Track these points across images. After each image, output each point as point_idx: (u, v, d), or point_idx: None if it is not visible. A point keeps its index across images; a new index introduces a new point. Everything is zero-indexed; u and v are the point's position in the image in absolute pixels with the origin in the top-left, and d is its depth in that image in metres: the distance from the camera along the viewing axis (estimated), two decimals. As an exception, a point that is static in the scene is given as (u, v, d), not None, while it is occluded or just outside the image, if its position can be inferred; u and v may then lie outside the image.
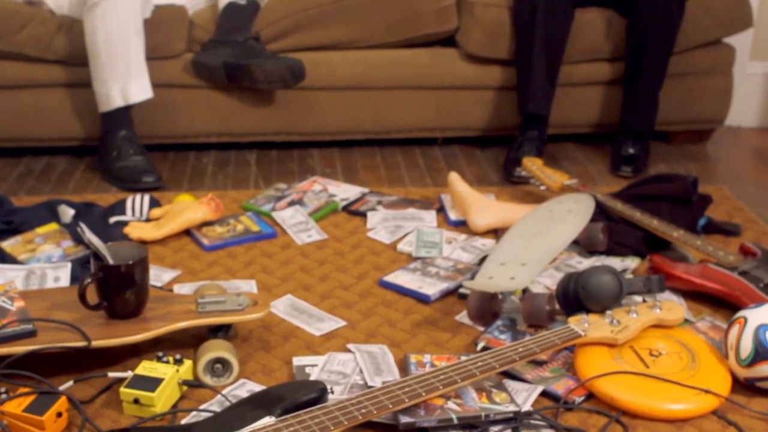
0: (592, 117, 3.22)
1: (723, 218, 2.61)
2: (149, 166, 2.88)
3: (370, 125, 3.18)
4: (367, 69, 3.11)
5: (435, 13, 3.11)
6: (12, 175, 2.99)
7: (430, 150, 3.24)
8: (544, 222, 2.32)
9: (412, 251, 2.40)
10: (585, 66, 3.15)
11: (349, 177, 2.98)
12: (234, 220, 2.56)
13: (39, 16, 2.97)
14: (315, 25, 3.07)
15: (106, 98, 2.87)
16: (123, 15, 2.80)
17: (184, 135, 3.13)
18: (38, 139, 3.09)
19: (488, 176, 3.01)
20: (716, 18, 3.14)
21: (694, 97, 3.23)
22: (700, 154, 3.25)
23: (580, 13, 3.06)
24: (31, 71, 3.00)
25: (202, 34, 3.05)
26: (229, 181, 2.96)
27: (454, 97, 3.17)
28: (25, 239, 2.38)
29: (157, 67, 2.98)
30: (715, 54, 3.22)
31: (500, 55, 3.10)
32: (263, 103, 3.09)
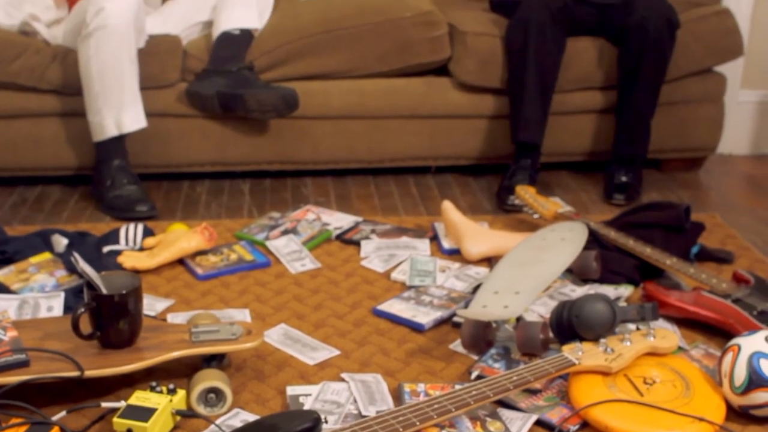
0: (585, 145, 3.23)
1: (716, 246, 2.62)
2: (143, 195, 2.89)
3: (363, 154, 3.19)
4: (360, 98, 3.12)
5: (428, 42, 3.12)
6: (5, 204, 2.99)
7: (423, 179, 3.25)
8: (538, 250, 2.33)
9: (406, 280, 2.40)
10: (577, 95, 3.17)
11: (343, 206, 2.98)
12: (227, 249, 2.56)
13: (33, 46, 2.98)
14: (308, 54, 3.09)
15: (100, 128, 2.88)
16: (117, 45, 2.81)
17: (177, 164, 3.13)
18: (32, 168, 3.09)
19: (482, 205, 3.01)
20: (707, 47, 3.16)
21: (686, 125, 3.25)
22: (692, 181, 3.27)
23: (572, 42, 3.08)
24: (25, 101, 3.01)
25: (196, 64, 3.06)
26: (223, 210, 2.96)
27: (447, 126, 3.18)
28: (18, 269, 2.37)
29: (151, 97, 2.99)
30: (707, 82, 3.24)
31: (493, 84, 3.11)
32: (257, 132, 3.10)
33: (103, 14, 2.76)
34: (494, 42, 3.08)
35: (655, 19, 2.94)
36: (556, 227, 2.46)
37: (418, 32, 3.11)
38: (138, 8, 2.85)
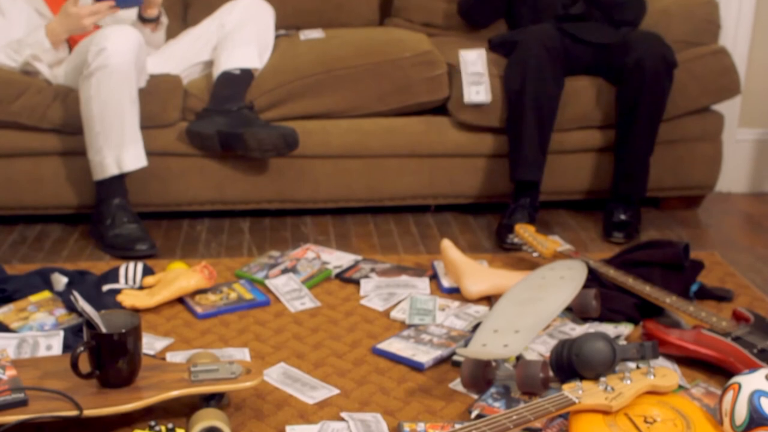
0: (584, 184, 3.24)
1: (715, 284, 2.62)
2: (143, 234, 2.89)
3: (363, 193, 3.20)
4: (359, 137, 3.13)
5: (427, 82, 3.14)
6: (5, 242, 2.99)
7: (422, 217, 3.25)
8: (537, 289, 2.32)
9: (406, 318, 2.39)
10: (576, 133, 3.18)
11: (343, 244, 2.98)
12: (227, 288, 2.56)
13: (35, 86, 2.99)
14: (308, 94, 3.10)
15: (101, 166, 2.89)
16: (118, 84, 2.82)
17: (177, 203, 3.14)
18: (32, 207, 3.09)
19: (481, 243, 3.02)
20: (705, 86, 3.18)
21: (684, 163, 3.26)
22: (691, 220, 3.27)
23: (570, 82, 3.10)
24: (26, 140, 3.02)
25: (197, 103, 3.07)
26: (223, 249, 2.96)
27: (446, 165, 3.19)
28: (17, 307, 2.37)
29: (152, 136, 3.00)
30: (705, 121, 3.25)
31: (491, 123, 3.13)
32: (257, 171, 3.11)
33: (104, 54, 2.78)
34: (493, 81, 3.10)
35: (652, 59, 2.96)
36: (556, 266, 2.47)
37: (417, 72, 3.13)
38: (139, 48, 2.87)
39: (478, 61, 3.07)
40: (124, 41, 2.82)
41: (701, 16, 3.27)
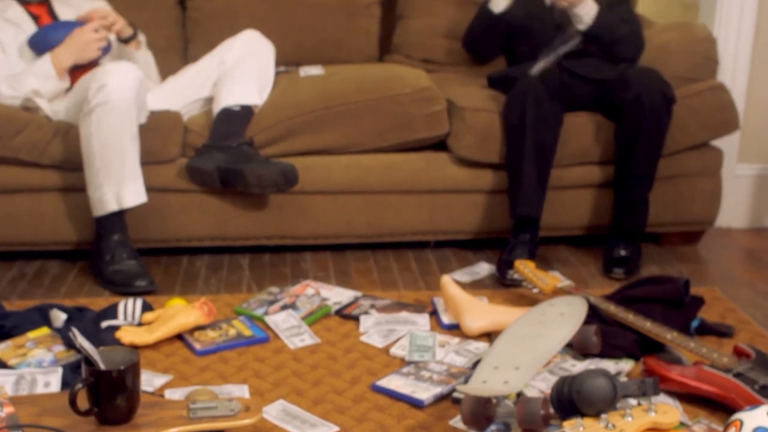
0: (584, 220, 3.24)
1: (716, 320, 2.61)
2: (142, 270, 2.88)
3: (362, 229, 3.20)
4: (359, 173, 3.14)
5: (426, 118, 3.15)
6: (4, 278, 2.99)
7: (422, 253, 3.25)
8: (538, 325, 2.32)
9: (406, 355, 2.38)
10: (575, 169, 3.19)
11: (342, 281, 2.98)
12: (226, 325, 2.56)
13: (35, 122, 3.00)
14: (308, 130, 3.11)
15: (101, 203, 2.89)
16: (118, 121, 2.83)
17: (177, 239, 3.14)
18: (31, 243, 3.09)
19: (481, 279, 3.01)
20: (704, 121, 3.19)
21: (683, 199, 3.26)
22: (691, 255, 3.27)
23: (569, 118, 3.11)
24: (26, 176, 3.02)
25: (196, 140, 3.08)
26: (222, 285, 2.96)
27: (446, 201, 3.19)
28: (16, 344, 2.36)
29: (152, 172, 3.00)
30: (704, 156, 3.26)
31: (491, 159, 3.13)
32: (256, 207, 3.11)
33: (105, 90, 2.79)
34: (492, 117, 3.11)
35: (651, 95, 2.97)
36: (556, 302, 2.46)
37: (416, 108, 3.14)
38: (139, 85, 2.88)
39: None
40: (124, 78, 2.83)
41: (699, 52, 3.29)
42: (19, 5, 3.22)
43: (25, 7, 3.22)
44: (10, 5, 3.22)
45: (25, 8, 3.22)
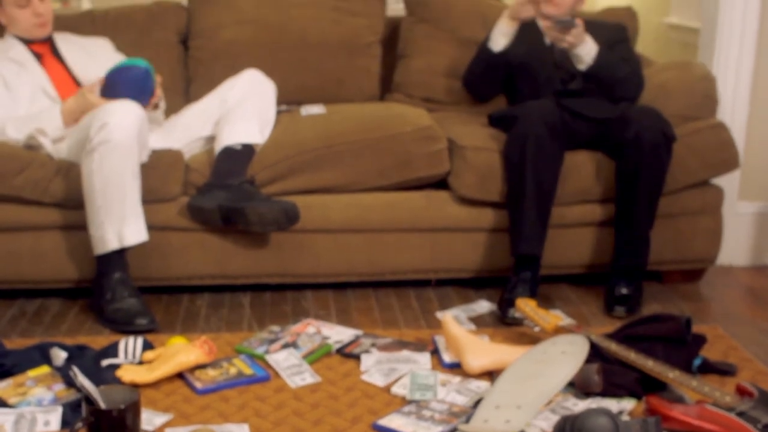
0: (585, 258, 3.24)
1: (718, 358, 2.61)
2: (143, 308, 2.88)
3: (363, 267, 3.20)
4: (360, 212, 3.14)
5: (427, 157, 3.16)
6: (5, 317, 2.99)
7: (424, 291, 3.25)
8: (539, 364, 2.31)
9: (407, 394, 2.38)
10: (576, 208, 3.19)
11: (343, 319, 2.98)
12: (227, 363, 2.55)
13: (38, 160, 3.01)
14: (309, 169, 3.12)
15: (102, 241, 2.89)
16: (120, 159, 2.84)
17: (178, 277, 3.14)
18: (32, 281, 3.09)
19: (482, 318, 3.01)
20: (704, 160, 3.20)
21: (685, 237, 3.27)
22: (693, 293, 3.27)
23: (569, 156, 3.12)
24: (28, 214, 3.03)
25: (198, 178, 3.09)
26: (223, 324, 2.95)
27: (447, 239, 3.19)
28: (16, 382, 2.36)
29: (153, 210, 3.01)
30: (704, 195, 3.27)
31: (492, 197, 3.14)
32: (257, 245, 3.11)
33: (106, 129, 2.81)
34: (493, 156, 3.12)
35: (651, 133, 2.98)
36: (558, 340, 2.46)
37: (417, 147, 3.15)
38: (141, 123, 2.89)
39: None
40: (126, 117, 2.85)
41: (699, 91, 3.30)
42: (22, 44, 3.25)
43: (28, 46, 3.25)
44: (13, 44, 3.25)
45: (28, 47, 3.25)
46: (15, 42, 3.26)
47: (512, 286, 3.01)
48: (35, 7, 3.21)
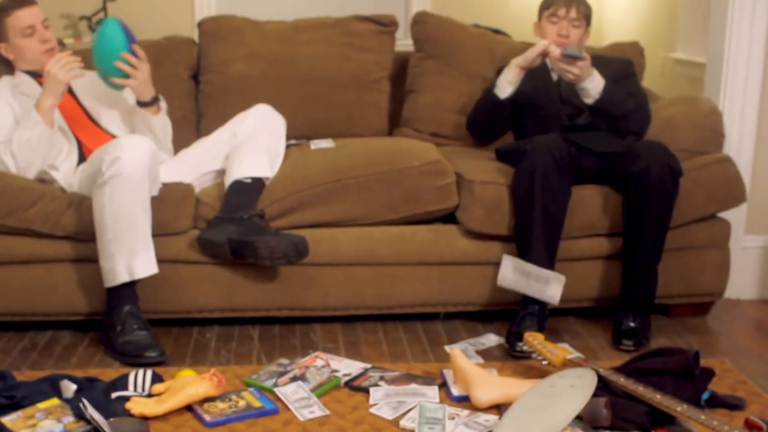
0: (592, 291, 3.25)
1: (726, 392, 2.60)
2: (153, 341, 2.89)
3: (372, 301, 3.21)
4: (369, 245, 3.16)
5: (436, 191, 3.18)
6: (15, 348, 3.00)
7: (432, 325, 3.25)
8: (547, 397, 2.32)
9: (415, 427, 2.38)
10: (583, 241, 3.20)
11: (352, 352, 2.98)
12: (236, 396, 2.56)
13: (50, 194, 3.04)
14: (318, 202, 3.14)
15: (112, 273, 2.91)
16: (131, 193, 2.87)
17: (187, 310, 3.15)
18: (43, 313, 3.11)
19: (490, 351, 3.01)
20: (711, 194, 3.21)
21: (692, 270, 3.27)
22: (700, 327, 3.27)
23: (577, 190, 3.13)
24: (39, 246, 3.05)
25: (208, 211, 3.11)
26: (232, 356, 2.96)
27: (455, 273, 3.20)
28: (26, 414, 2.36)
29: (163, 243, 3.03)
30: (711, 228, 3.28)
31: (500, 231, 3.15)
32: (267, 278, 3.13)
33: (118, 163, 2.83)
34: (501, 190, 3.14)
35: (658, 168, 2.99)
36: (566, 374, 2.46)
37: (426, 181, 3.17)
38: (152, 157, 2.92)
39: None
40: (137, 151, 2.88)
41: (706, 125, 3.32)
42: (31, 78, 3.29)
43: (36, 80, 3.29)
44: (24, 79, 3.28)
45: (37, 81, 3.29)
46: (25, 77, 3.29)
47: (520, 319, 3.02)
48: (41, 34, 3.25)
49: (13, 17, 3.23)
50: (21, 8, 3.24)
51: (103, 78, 3.21)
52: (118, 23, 3.17)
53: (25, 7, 3.25)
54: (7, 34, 3.25)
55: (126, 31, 3.17)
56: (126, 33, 3.17)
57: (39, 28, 3.25)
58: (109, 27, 3.16)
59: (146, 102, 3.26)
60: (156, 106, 3.29)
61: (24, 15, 3.24)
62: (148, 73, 3.22)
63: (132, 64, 3.16)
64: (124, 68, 3.15)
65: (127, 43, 3.16)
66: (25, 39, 3.24)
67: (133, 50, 3.17)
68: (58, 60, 3.07)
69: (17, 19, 3.23)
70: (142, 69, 3.20)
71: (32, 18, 3.25)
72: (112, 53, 3.15)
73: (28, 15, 3.24)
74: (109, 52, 3.15)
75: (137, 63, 3.18)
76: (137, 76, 3.18)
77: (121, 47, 3.15)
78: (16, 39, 3.25)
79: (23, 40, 3.25)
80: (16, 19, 3.23)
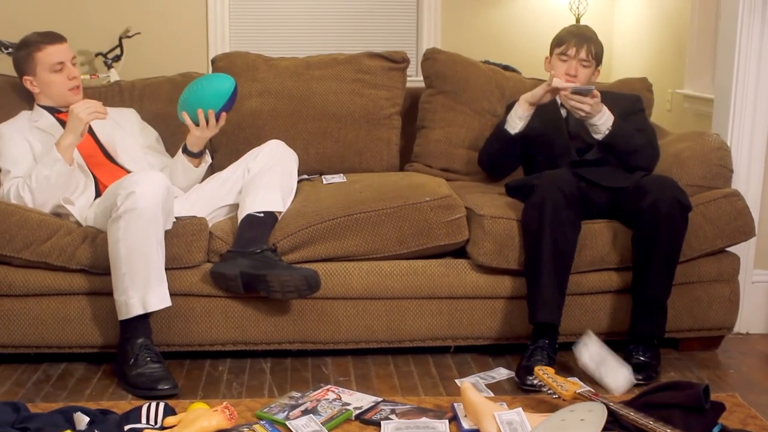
0: (602, 325, 3.26)
1: (737, 426, 2.61)
2: (166, 373, 2.91)
3: (383, 334, 3.22)
4: (380, 279, 3.18)
5: (446, 225, 3.20)
6: (29, 381, 3.02)
7: (442, 358, 3.27)
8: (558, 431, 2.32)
9: (426, 460, 2.39)
10: (593, 275, 3.22)
11: (363, 385, 3.00)
12: (248, 429, 2.57)
13: (65, 227, 3.07)
14: (330, 237, 3.16)
15: (126, 306, 2.93)
16: (145, 227, 2.90)
17: (200, 343, 3.17)
18: (57, 345, 3.13)
19: (501, 384, 3.02)
20: (719, 228, 3.23)
21: (701, 304, 3.28)
22: (710, 361, 3.27)
23: (586, 225, 3.16)
24: (54, 279, 3.08)
25: (221, 245, 3.14)
26: (244, 389, 2.98)
27: (465, 307, 3.22)
28: (40, 447, 2.38)
29: (177, 277, 3.06)
30: (720, 263, 3.29)
31: (510, 265, 3.17)
32: (278, 312, 3.15)
33: (133, 197, 2.87)
34: (511, 225, 3.16)
35: (667, 202, 3.01)
36: (576, 407, 2.47)
37: (436, 216, 3.19)
38: (166, 192, 2.96)
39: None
40: (152, 185, 2.91)
41: (714, 160, 3.34)
42: (49, 114, 3.34)
43: (55, 116, 3.34)
44: (42, 114, 3.33)
45: (56, 117, 3.34)
46: (44, 112, 3.34)
47: (530, 353, 3.03)
48: (69, 71, 3.31)
49: (44, 52, 3.29)
50: (53, 44, 3.30)
51: (181, 103, 3.23)
52: (234, 89, 3.21)
53: (56, 43, 3.31)
54: (35, 68, 3.31)
55: (232, 99, 3.23)
56: (231, 100, 3.23)
57: (68, 64, 3.31)
58: (224, 85, 3.20)
59: (193, 153, 3.32)
60: (200, 159, 3.35)
61: (55, 51, 3.30)
62: (211, 135, 3.28)
63: (208, 122, 3.21)
64: (201, 121, 3.20)
65: (223, 106, 3.21)
66: (53, 74, 3.30)
67: (220, 113, 3.22)
68: (84, 103, 3.12)
69: (48, 55, 3.29)
70: (211, 131, 3.26)
71: (63, 54, 3.31)
72: (207, 102, 3.20)
73: (60, 51, 3.30)
74: (205, 99, 3.19)
75: (212, 126, 3.23)
76: (204, 133, 3.25)
77: (216, 106, 3.21)
78: (44, 73, 3.30)
79: (51, 76, 3.30)
80: (47, 55, 3.29)
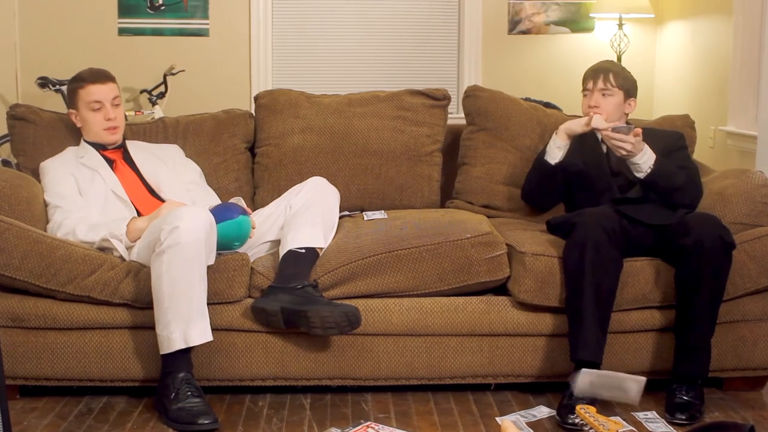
0: (645, 364, 3.23)
1: (782, 468, 2.57)
2: (206, 408, 2.92)
3: (423, 371, 3.22)
4: (420, 316, 3.18)
5: (487, 262, 3.20)
6: (71, 414, 3.05)
7: (483, 396, 3.25)
8: (599, 469, 2.30)
9: (466, 498, 2.37)
10: (635, 313, 3.20)
11: (403, 422, 2.99)
12: (288, 464, 2.57)
13: (109, 262, 3.11)
14: (370, 273, 3.17)
15: (168, 340, 2.95)
16: (188, 262, 2.92)
17: (241, 378, 3.18)
18: (99, 378, 3.16)
19: (541, 423, 3.00)
20: (764, 266, 3.19)
21: (746, 343, 3.25)
22: (755, 401, 3.23)
23: (628, 263, 3.14)
24: (97, 313, 3.11)
25: (262, 281, 3.15)
26: (284, 425, 2.98)
27: (506, 344, 3.21)
28: (82, 480, 2.40)
29: (218, 312, 3.08)
30: (765, 301, 3.25)
31: (551, 303, 3.16)
32: (319, 348, 3.15)
33: (176, 233, 2.90)
34: (552, 262, 3.15)
35: (710, 240, 2.99)
36: (618, 446, 2.44)
37: (477, 252, 3.19)
38: (210, 227, 2.99)
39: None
40: (195, 221, 2.94)
41: (757, 198, 3.32)
42: (95, 151, 3.39)
43: (101, 153, 3.39)
44: (88, 150, 3.39)
45: (101, 153, 3.39)
46: (89, 148, 3.40)
47: (572, 391, 3.01)
48: (107, 112, 3.37)
49: (85, 90, 3.37)
50: (95, 83, 3.37)
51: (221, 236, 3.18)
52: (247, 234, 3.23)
53: (98, 83, 3.38)
54: (78, 103, 3.39)
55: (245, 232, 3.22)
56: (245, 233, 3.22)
57: (107, 105, 3.37)
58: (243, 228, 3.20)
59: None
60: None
61: (95, 90, 3.37)
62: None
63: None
64: (225, 251, 3.21)
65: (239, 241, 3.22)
66: (91, 113, 3.37)
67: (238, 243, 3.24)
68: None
69: (88, 93, 3.37)
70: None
71: (103, 94, 3.37)
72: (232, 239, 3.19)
73: (100, 91, 3.37)
74: (230, 238, 3.18)
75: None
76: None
77: (238, 243, 3.22)
78: (84, 110, 3.38)
79: (89, 114, 3.37)
80: (87, 92, 3.37)
